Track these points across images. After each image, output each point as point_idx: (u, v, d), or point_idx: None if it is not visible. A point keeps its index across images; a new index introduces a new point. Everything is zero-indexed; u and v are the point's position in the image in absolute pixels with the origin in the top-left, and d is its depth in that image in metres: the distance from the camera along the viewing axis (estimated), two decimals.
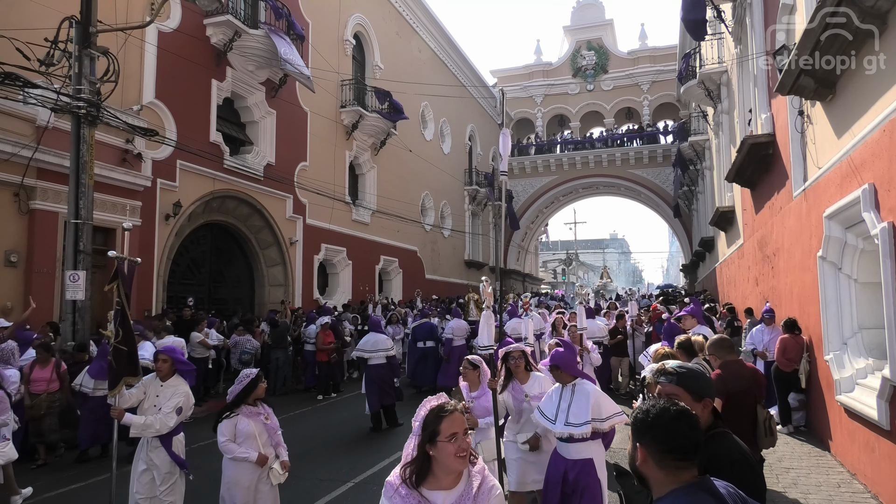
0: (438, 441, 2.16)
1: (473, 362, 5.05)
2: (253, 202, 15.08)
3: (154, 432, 4.58)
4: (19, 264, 9.53)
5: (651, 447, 1.78)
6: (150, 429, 4.56)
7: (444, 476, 2.22)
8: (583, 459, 4.06)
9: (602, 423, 4.07)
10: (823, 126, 7.16)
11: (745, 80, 12.51)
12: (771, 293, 10.31)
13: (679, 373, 2.43)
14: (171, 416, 4.62)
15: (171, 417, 4.63)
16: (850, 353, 6.57)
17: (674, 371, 2.45)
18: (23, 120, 9.51)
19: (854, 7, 5.31)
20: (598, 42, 34.36)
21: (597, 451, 4.13)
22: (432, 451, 2.18)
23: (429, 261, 25.49)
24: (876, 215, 5.44)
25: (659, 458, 1.76)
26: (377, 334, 9.64)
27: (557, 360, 4.25)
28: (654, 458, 1.77)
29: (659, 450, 1.76)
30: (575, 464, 4.07)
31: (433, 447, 2.17)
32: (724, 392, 4.20)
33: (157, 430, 4.58)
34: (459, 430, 2.18)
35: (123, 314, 4.76)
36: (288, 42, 14.56)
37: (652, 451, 1.77)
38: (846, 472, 6.44)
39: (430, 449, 2.18)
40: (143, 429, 4.56)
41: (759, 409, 4.22)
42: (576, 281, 65.54)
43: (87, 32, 8.90)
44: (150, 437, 4.63)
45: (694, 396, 2.35)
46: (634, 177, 32.64)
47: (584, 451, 4.08)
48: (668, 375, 2.45)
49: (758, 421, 4.29)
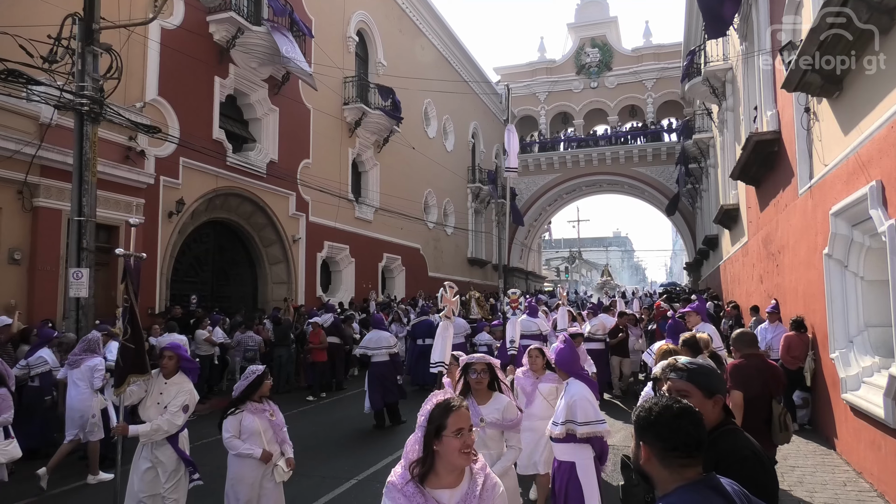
0: (444, 436, 2.14)
1: (458, 358, 5.05)
2: (256, 200, 15.08)
3: (163, 434, 4.54)
4: (23, 262, 9.54)
5: (654, 445, 1.76)
6: (158, 432, 4.52)
7: (447, 474, 2.18)
8: (567, 462, 4.02)
9: (576, 427, 3.94)
10: (830, 123, 7.10)
11: (750, 78, 12.44)
12: (776, 291, 10.26)
13: (690, 369, 2.37)
14: (178, 414, 4.59)
15: (179, 416, 4.60)
16: (856, 351, 6.53)
17: (684, 367, 2.39)
18: (26, 117, 9.51)
19: (861, 5, 5.25)
20: (603, 39, 34.24)
21: (581, 455, 4.00)
22: (437, 446, 2.15)
23: (432, 258, 25.47)
24: (883, 212, 5.39)
25: (662, 455, 1.75)
26: (380, 332, 9.65)
27: (556, 357, 4.33)
28: (658, 456, 1.76)
29: (662, 448, 1.75)
30: (560, 465, 4.07)
31: (438, 442, 2.14)
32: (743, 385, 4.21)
33: (166, 432, 4.55)
34: (465, 426, 2.16)
35: (132, 311, 4.74)
36: (290, 40, 14.53)
37: (655, 449, 1.76)
38: (852, 471, 6.40)
39: (436, 444, 2.15)
40: (152, 434, 4.51)
41: (774, 404, 4.21)
42: (578, 279, 65.48)
43: (90, 29, 8.89)
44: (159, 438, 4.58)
45: (705, 393, 2.30)
46: (638, 174, 32.55)
47: (567, 453, 4.04)
48: (678, 372, 2.39)
49: (773, 416, 4.27)
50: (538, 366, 5.22)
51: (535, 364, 5.24)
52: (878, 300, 6.23)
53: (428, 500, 2.15)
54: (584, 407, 3.99)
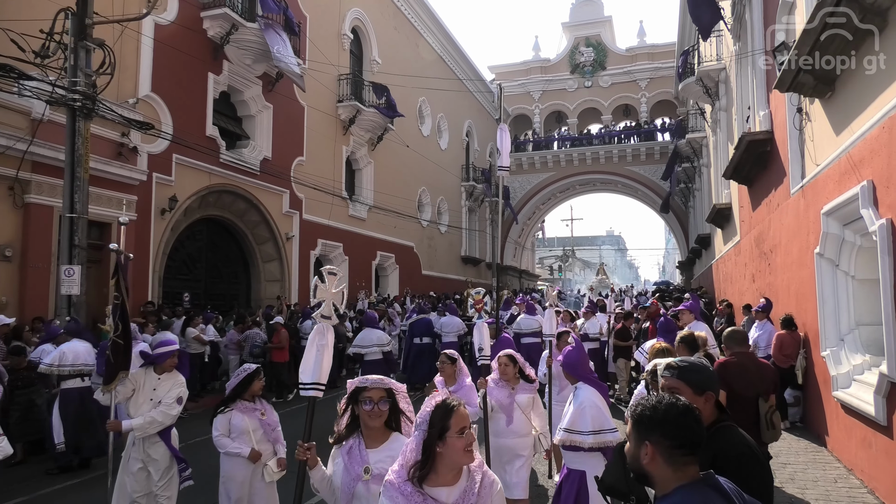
0: (448, 437, 2.14)
1: (451, 356, 5.00)
2: (249, 197, 15.03)
3: (158, 426, 4.53)
4: (14, 259, 9.46)
5: (661, 444, 1.74)
6: (153, 425, 4.51)
7: (446, 472, 2.19)
8: (576, 471, 3.85)
9: (585, 438, 3.76)
10: (822, 123, 7.16)
11: (743, 78, 12.50)
12: (768, 290, 10.33)
13: (680, 367, 2.43)
14: (173, 406, 4.60)
15: (174, 408, 4.61)
16: (847, 350, 6.58)
17: (675, 365, 2.45)
18: (18, 112, 9.43)
19: (854, 5, 5.29)
20: (597, 39, 34.30)
21: (591, 464, 3.79)
22: (440, 447, 2.15)
23: (425, 257, 25.47)
24: (874, 212, 5.44)
25: (668, 454, 1.73)
26: (372, 330, 9.65)
27: (563, 359, 4.18)
28: (664, 454, 1.73)
29: (669, 446, 1.73)
30: (570, 473, 3.90)
31: (442, 443, 2.14)
32: (726, 384, 4.21)
33: (161, 424, 4.54)
34: (467, 425, 2.18)
35: (123, 308, 4.71)
36: (283, 38, 14.43)
37: (662, 448, 1.73)
38: (843, 468, 6.46)
39: (439, 446, 2.15)
40: (147, 427, 4.49)
41: (760, 402, 4.22)
42: (571, 277, 65.63)
43: (82, 24, 8.83)
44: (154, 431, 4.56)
45: (695, 390, 2.35)
46: (631, 174, 32.65)
47: (576, 461, 3.87)
48: (669, 370, 2.45)
49: (760, 414, 4.28)
50: (510, 374, 4.69)
51: (507, 373, 4.70)
52: (869, 299, 6.29)
53: (426, 499, 2.14)
54: (594, 415, 3.83)
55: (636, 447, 1.79)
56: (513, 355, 4.76)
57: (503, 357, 4.74)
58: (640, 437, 1.78)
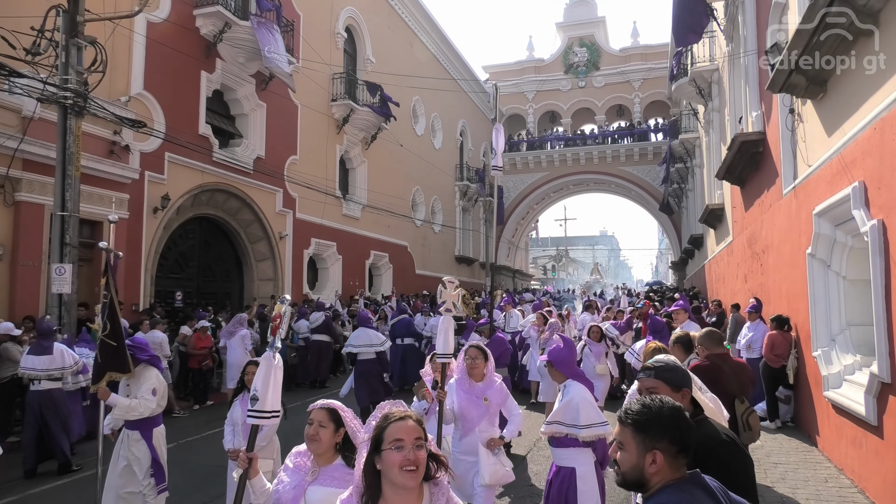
0: (383, 450, 1.85)
1: (483, 350, 4.76)
2: (242, 196, 14.96)
3: (137, 415, 4.55)
4: (5, 257, 9.39)
5: (669, 450, 1.69)
6: (134, 411, 4.53)
7: (395, 497, 1.86)
8: (566, 468, 3.82)
9: (578, 431, 3.75)
10: (814, 124, 7.20)
11: (736, 79, 12.56)
12: (760, 290, 10.38)
13: (657, 367, 2.52)
14: (148, 398, 4.59)
15: (151, 399, 4.60)
16: (838, 350, 6.62)
17: (651, 366, 2.54)
18: (8, 110, 9.34)
19: (848, 6, 5.32)
20: (591, 39, 34.37)
21: (582, 460, 3.78)
22: (378, 463, 1.87)
23: (419, 256, 25.45)
24: (866, 212, 5.47)
25: (673, 459, 1.70)
26: (366, 329, 9.61)
27: (551, 356, 4.04)
28: (670, 460, 1.69)
29: (676, 451, 1.70)
30: (559, 470, 3.87)
31: (378, 458, 1.86)
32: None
33: (141, 413, 4.55)
34: (407, 438, 1.84)
35: (112, 307, 4.69)
36: (275, 37, 14.34)
37: (669, 454, 1.69)
38: (833, 468, 6.50)
39: (377, 461, 1.87)
40: (128, 410, 4.53)
41: (737, 403, 4.20)
42: (565, 277, 65.80)
43: (74, 21, 8.76)
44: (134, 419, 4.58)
45: (673, 388, 2.43)
46: (625, 174, 32.75)
47: (565, 457, 3.84)
48: (646, 371, 2.55)
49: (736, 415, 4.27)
50: (479, 370, 4.25)
51: (476, 368, 4.24)
52: (860, 299, 6.33)
53: None
54: (585, 409, 3.79)
55: (639, 455, 1.71)
56: (483, 348, 4.35)
57: (472, 349, 4.30)
58: (646, 446, 1.71)
